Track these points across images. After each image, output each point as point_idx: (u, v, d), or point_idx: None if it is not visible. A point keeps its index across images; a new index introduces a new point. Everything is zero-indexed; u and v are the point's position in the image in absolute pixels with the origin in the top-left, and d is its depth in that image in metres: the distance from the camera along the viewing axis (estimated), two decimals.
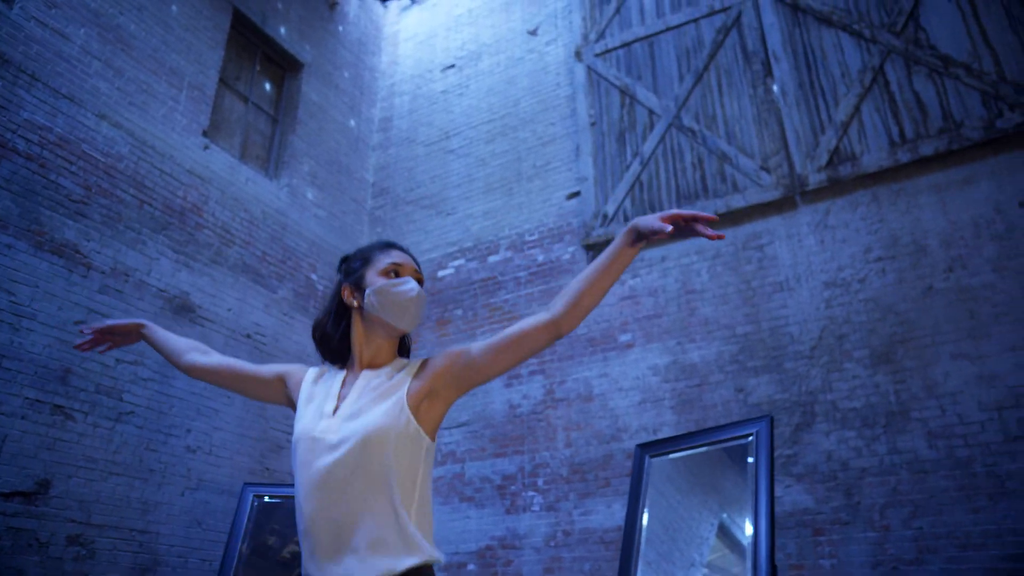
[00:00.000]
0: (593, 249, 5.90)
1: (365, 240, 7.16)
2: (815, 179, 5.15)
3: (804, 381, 4.79)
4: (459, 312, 6.30)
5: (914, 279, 4.68)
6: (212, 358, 1.79)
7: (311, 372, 1.67)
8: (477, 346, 1.53)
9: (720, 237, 1.41)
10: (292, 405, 1.67)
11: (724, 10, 5.99)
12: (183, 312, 5.14)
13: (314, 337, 1.69)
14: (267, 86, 6.81)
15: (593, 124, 6.26)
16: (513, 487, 5.55)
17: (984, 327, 4.34)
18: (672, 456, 3.86)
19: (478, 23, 7.56)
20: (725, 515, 3.77)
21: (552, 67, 6.80)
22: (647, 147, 5.90)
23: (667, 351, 5.33)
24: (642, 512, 3.32)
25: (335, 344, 1.65)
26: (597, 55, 6.47)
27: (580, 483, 5.32)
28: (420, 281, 1.62)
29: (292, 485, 5.14)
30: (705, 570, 3.72)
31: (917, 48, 5.09)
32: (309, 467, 1.47)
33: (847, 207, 5.07)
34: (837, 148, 5.15)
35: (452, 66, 7.51)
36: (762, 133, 5.49)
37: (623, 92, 6.21)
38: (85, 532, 4.26)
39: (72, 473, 4.26)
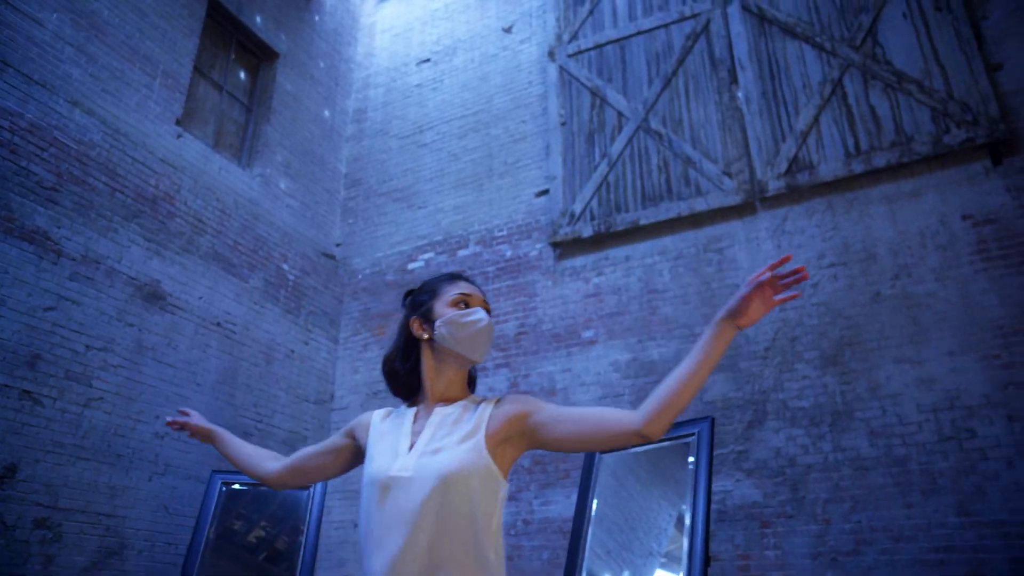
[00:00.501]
0: (560, 247, 6.05)
1: (337, 230, 7.24)
2: (774, 186, 5.35)
3: (757, 380, 5.00)
4: None
5: (863, 285, 4.91)
6: (286, 460, 1.76)
7: (377, 413, 1.64)
8: (552, 412, 1.49)
9: (795, 296, 1.36)
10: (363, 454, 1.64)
11: (694, 16, 6.16)
12: (153, 300, 5.19)
13: (384, 372, 1.67)
14: (242, 75, 6.84)
15: (563, 124, 6.39)
16: None
17: (925, 333, 4.59)
18: (633, 450, 4.04)
19: (454, 18, 7.64)
20: (684, 506, 3.96)
21: (525, 65, 6.92)
22: (615, 148, 6.06)
23: (628, 348, 5.52)
24: (591, 502, 3.51)
25: (404, 379, 1.63)
26: (570, 55, 6.60)
27: (541, 474, 5.50)
28: (488, 311, 1.62)
29: None
30: (663, 559, 3.91)
31: (874, 63, 5.30)
32: (385, 506, 1.43)
33: (804, 214, 5.28)
34: (796, 157, 5.35)
35: (427, 60, 7.59)
36: (726, 139, 5.67)
37: (594, 93, 6.35)
38: (52, 516, 4.32)
39: (39, 458, 4.32)
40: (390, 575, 1.39)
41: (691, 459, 3.06)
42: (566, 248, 6.02)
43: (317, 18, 7.68)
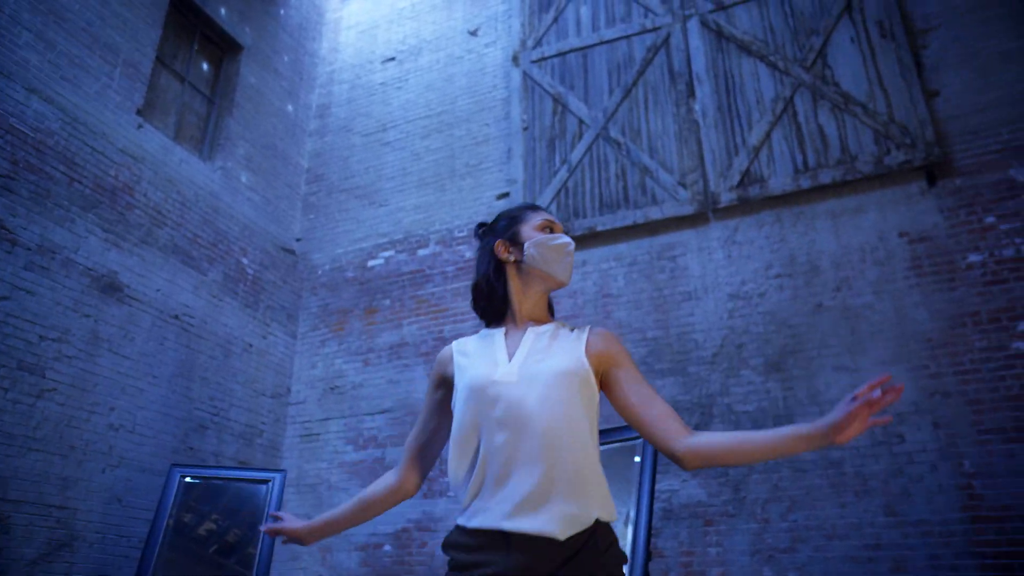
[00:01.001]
0: None
1: (297, 225, 7.24)
2: (727, 198, 5.57)
3: (705, 385, 5.22)
4: (387, 302, 6.49)
5: (807, 296, 5.16)
6: (405, 463, 1.74)
7: (453, 344, 1.69)
8: (633, 377, 1.54)
9: (886, 421, 1.30)
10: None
11: (655, 30, 6.35)
12: (110, 291, 5.16)
13: (476, 294, 1.69)
14: (204, 66, 6.79)
15: (525, 128, 6.52)
16: (431, 472, 5.80)
17: (861, 343, 4.86)
18: None
19: (420, 18, 7.70)
20: (631, 504, 4.15)
21: (490, 69, 7.02)
22: (575, 155, 6.22)
23: None
24: None
25: (498, 299, 1.65)
26: (533, 61, 6.73)
27: None
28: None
29: (218, 467, 5.23)
30: None
31: (823, 84, 5.56)
32: (494, 408, 1.46)
33: (754, 225, 5.51)
34: (748, 170, 5.58)
35: (392, 59, 7.64)
36: (682, 150, 5.88)
37: (556, 100, 6.50)
38: (0, 507, 4.29)
39: None
40: (498, 477, 1.41)
41: (636, 459, 3.23)
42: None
43: (282, 12, 7.65)
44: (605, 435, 4.17)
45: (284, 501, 5.87)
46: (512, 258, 1.64)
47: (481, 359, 1.57)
